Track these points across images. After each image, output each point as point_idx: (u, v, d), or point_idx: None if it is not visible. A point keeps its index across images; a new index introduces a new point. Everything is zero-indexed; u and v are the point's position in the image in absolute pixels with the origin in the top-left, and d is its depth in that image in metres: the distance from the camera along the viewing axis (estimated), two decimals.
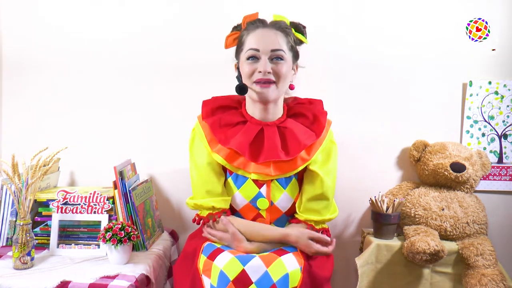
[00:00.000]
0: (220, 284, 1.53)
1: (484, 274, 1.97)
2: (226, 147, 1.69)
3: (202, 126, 1.75)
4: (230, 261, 1.56)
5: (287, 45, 1.69)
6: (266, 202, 1.73)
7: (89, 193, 1.95)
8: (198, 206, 1.74)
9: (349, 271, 2.27)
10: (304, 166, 1.72)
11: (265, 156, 1.68)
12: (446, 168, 2.10)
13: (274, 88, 1.66)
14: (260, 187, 1.73)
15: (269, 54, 1.64)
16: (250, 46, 1.66)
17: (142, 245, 1.97)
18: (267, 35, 1.67)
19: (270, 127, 1.72)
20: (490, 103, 2.25)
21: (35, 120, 2.33)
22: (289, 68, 1.69)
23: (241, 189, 1.73)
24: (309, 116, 1.76)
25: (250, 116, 1.75)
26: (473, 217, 2.10)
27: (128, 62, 2.29)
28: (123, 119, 2.32)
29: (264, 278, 1.53)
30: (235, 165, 1.71)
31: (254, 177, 1.71)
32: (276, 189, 1.73)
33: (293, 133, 1.70)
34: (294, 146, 1.69)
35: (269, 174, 1.69)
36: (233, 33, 1.78)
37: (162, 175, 2.33)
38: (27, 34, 2.30)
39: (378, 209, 2.09)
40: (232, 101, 1.81)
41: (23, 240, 1.76)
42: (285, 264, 1.57)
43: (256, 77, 1.65)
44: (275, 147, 1.67)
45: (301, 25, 1.78)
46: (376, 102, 2.27)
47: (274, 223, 1.77)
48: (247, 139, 1.68)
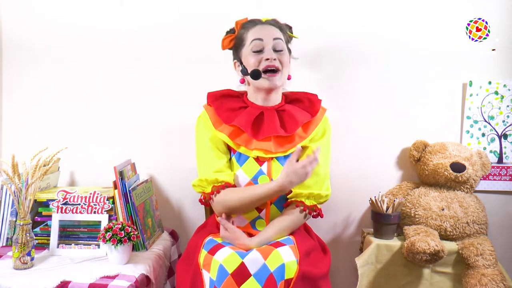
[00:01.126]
0: (219, 278, 1.56)
1: (484, 274, 1.97)
2: (229, 125, 1.82)
3: (207, 111, 1.89)
4: (229, 255, 1.60)
5: (284, 38, 1.86)
6: (267, 179, 1.80)
7: (89, 193, 1.95)
8: (202, 181, 1.81)
9: (349, 271, 2.27)
10: (302, 143, 1.82)
11: (265, 132, 1.80)
12: (446, 168, 2.10)
13: (279, 77, 1.82)
14: (261, 165, 1.81)
15: (272, 43, 1.81)
16: (254, 37, 1.82)
17: (142, 245, 1.97)
18: (267, 28, 1.85)
19: (270, 111, 1.85)
20: (490, 103, 2.25)
21: (35, 120, 2.33)
22: (288, 59, 1.86)
23: (243, 167, 1.82)
24: (305, 101, 1.90)
25: (251, 102, 1.89)
26: (473, 217, 2.10)
27: (129, 62, 2.29)
28: (123, 119, 2.32)
29: (262, 270, 1.57)
30: (237, 142, 1.81)
31: (255, 153, 1.79)
32: (276, 167, 1.81)
33: (291, 114, 1.84)
34: (291, 124, 1.82)
35: (269, 150, 1.79)
36: (228, 35, 1.93)
37: (162, 175, 2.33)
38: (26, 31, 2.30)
39: (378, 209, 2.09)
40: (234, 92, 1.95)
41: (23, 240, 1.76)
42: (282, 255, 1.60)
43: (264, 65, 1.80)
44: (274, 125, 1.81)
45: (288, 26, 1.95)
46: (376, 102, 2.27)
47: (275, 203, 1.82)
48: (249, 119, 1.81)
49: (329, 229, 2.33)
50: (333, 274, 2.04)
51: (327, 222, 2.27)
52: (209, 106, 1.90)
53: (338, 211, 2.31)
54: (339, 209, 2.31)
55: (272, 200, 1.80)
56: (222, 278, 1.56)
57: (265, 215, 1.83)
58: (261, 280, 1.56)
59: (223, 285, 1.56)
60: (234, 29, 1.92)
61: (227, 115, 1.83)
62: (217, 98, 1.90)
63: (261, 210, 1.82)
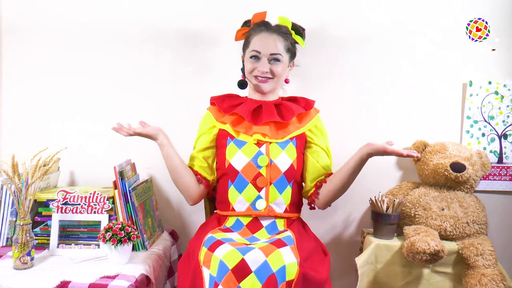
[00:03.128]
0: (220, 273, 1.57)
1: (484, 274, 1.97)
2: (230, 114, 1.94)
3: (211, 110, 2.00)
4: (230, 252, 1.61)
5: (285, 48, 1.93)
6: (266, 158, 1.87)
7: (89, 193, 1.95)
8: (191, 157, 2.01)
9: (349, 271, 2.27)
10: (297, 132, 1.93)
11: (263, 118, 1.90)
12: (446, 168, 2.10)
13: (270, 83, 1.93)
14: (260, 147, 1.90)
15: (268, 56, 1.90)
16: (254, 48, 1.91)
17: (142, 245, 1.97)
18: (268, 39, 1.91)
19: (268, 104, 1.96)
20: (490, 103, 2.25)
21: (35, 120, 2.33)
22: (284, 67, 1.95)
23: (242, 149, 1.89)
24: (301, 101, 2.00)
25: (250, 99, 1.99)
26: (473, 217, 2.10)
27: (128, 62, 2.29)
28: (123, 118, 2.31)
29: (263, 267, 1.58)
30: (238, 129, 1.91)
31: (255, 137, 1.88)
32: (275, 149, 1.90)
33: (287, 106, 1.95)
34: (288, 113, 1.93)
35: (267, 135, 1.88)
36: (242, 28, 2.01)
37: (162, 175, 2.33)
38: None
39: (378, 209, 2.09)
40: (236, 95, 2.03)
41: (23, 240, 1.76)
42: (283, 256, 1.61)
43: (256, 74, 1.92)
44: (272, 113, 1.91)
45: (301, 28, 2.01)
46: (376, 102, 2.28)
47: (274, 183, 1.86)
48: (249, 108, 1.92)
49: (329, 229, 2.33)
50: (333, 274, 2.04)
51: (327, 222, 2.27)
52: (212, 105, 2.00)
53: (338, 211, 2.31)
54: (339, 209, 2.31)
55: (272, 180, 1.86)
56: (222, 274, 1.57)
57: (265, 194, 1.86)
58: (262, 278, 1.56)
59: (223, 280, 1.56)
60: (249, 22, 1.99)
61: (228, 107, 1.95)
62: (220, 98, 2.00)
63: (261, 189, 1.86)
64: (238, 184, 1.87)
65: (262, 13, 1.97)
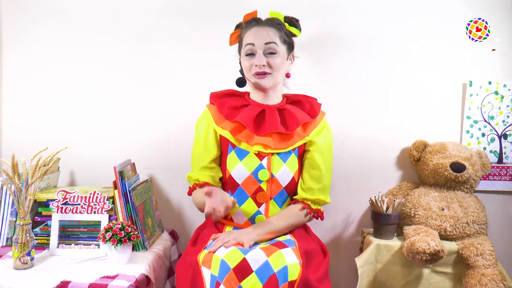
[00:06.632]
0: (221, 273, 1.56)
1: (484, 274, 1.97)
2: (231, 121, 1.87)
3: (210, 109, 1.94)
4: (231, 251, 1.61)
5: (280, 39, 1.86)
6: (267, 173, 1.83)
7: (89, 193, 1.95)
8: (189, 177, 1.93)
9: (349, 271, 2.27)
10: (301, 142, 1.87)
11: (266, 128, 1.83)
12: (446, 168, 2.10)
13: (269, 78, 1.85)
14: (262, 159, 1.84)
15: (263, 47, 1.83)
16: (247, 41, 1.85)
17: (142, 245, 1.97)
18: (260, 31, 1.85)
19: (271, 109, 1.89)
20: (490, 103, 2.25)
21: (35, 120, 2.34)
22: (283, 60, 1.87)
23: (243, 161, 1.84)
24: (306, 104, 1.93)
25: (253, 101, 1.93)
26: (473, 217, 2.10)
27: (129, 63, 2.29)
28: (123, 119, 2.32)
29: (265, 267, 1.57)
30: (239, 138, 1.85)
31: (256, 148, 1.82)
32: (277, 162, 1.84)
33: (291, 113, 1.88)
34: (292, 122, 1.86)
35: (269, 146, 1.82)
36: (235, 31, 1.96)
37: (162, 175, 2.33)
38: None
39: (378, 209, 2.09)
40: (237, 91, 1.98)
41: (23, 240, 1.76)
42: (285, 257, 1.60)
43: (254, 71, 1.85)
44: (275, 122, 1.84)
45: (294, 19, 1.94)
46: (376, 102, 2.28)
47: (274, 198, 1.85)
48: (251, 115, 1.85)
49: (329, 229, 2.33)
50: (333, 274, 2.04)
51: (327, 222, 2.27)
52: (212, 104, 1.94)
53: (338, 211, 2.31)
54: (339, 209, 2.31)
55: (272, 195, 1.84)
56: (224, 273, 1.56)
57: (265, 210, 1.85)
58: (263, 278, 1.56)
59: (225, 279, 1.55)
60: (241, 24, 1.93)
61: (229, 112, 1.88)
62: (220, 97, 1.94)
63: (261, 205, 1.85)
64: (238, 196, 1.86)
65: (253, 12, 1.91)
